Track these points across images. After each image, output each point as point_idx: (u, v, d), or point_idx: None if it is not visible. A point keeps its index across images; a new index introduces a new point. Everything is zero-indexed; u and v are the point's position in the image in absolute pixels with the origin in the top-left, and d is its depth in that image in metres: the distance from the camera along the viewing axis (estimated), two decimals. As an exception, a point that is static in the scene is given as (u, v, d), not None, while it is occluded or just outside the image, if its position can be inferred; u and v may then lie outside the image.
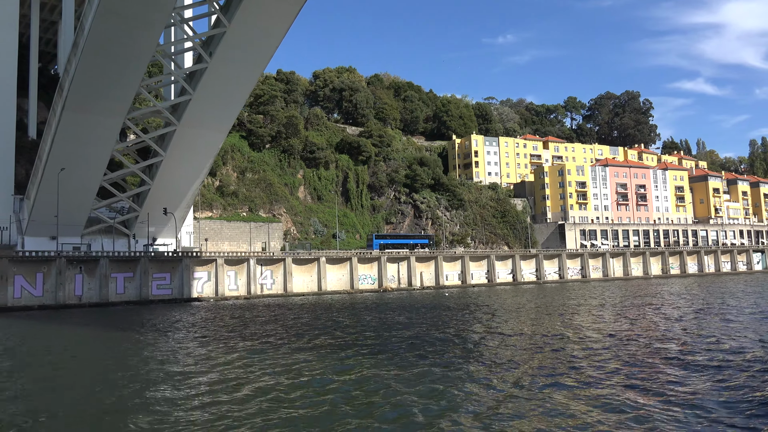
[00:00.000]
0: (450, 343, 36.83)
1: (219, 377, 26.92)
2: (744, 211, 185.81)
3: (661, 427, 18.30)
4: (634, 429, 18.20)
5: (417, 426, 18.44)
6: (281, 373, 27.17)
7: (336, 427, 18.57)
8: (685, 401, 21.22)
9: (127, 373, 28.25)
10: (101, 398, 23.34)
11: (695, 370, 26.68)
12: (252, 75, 79.17)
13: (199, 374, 27.78)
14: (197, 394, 23.48)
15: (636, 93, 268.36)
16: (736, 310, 55.63)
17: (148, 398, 22.93)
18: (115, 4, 62.98)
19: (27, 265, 67.92)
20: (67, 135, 74.14)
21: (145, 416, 20.12)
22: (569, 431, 18.09)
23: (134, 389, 24.67)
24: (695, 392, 22.66)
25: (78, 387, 26.07)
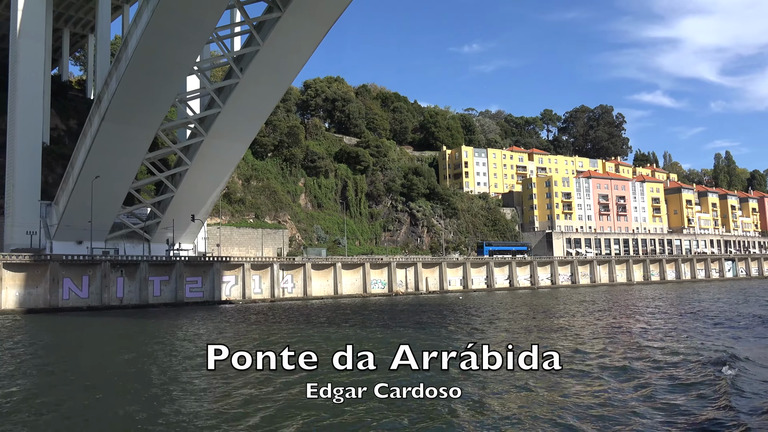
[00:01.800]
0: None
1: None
2: (714, 221, 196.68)
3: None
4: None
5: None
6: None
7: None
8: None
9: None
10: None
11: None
12: (278, 91, 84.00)
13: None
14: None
15: (609, 107, 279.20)
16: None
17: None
18: (163, 23, 67.35)
19: (74, 269, 71.16)
20: (104, 145, 77.62)
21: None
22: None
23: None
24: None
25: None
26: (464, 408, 22.61)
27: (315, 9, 72.53)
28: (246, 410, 22.88)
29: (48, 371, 32.16)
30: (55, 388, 27.11)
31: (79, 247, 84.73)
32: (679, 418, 21.18)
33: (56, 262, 69.45)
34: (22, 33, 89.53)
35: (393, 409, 21.55)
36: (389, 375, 20.52)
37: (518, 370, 19.29)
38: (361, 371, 18.20)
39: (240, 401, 24.23)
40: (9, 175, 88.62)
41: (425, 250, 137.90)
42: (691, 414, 21.63)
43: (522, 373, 24.95)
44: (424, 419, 21.03)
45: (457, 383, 24.05)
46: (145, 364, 33.66)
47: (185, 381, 28.40)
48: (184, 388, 26.76)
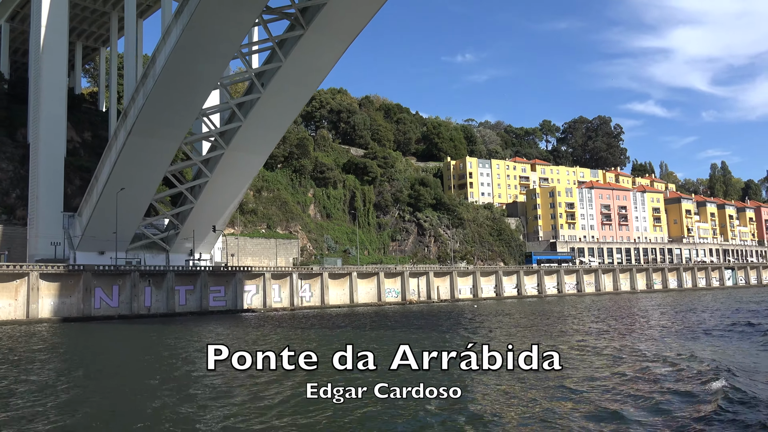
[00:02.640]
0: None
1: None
2: (712, 231, 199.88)
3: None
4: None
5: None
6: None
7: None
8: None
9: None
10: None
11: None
12: (298, 105, 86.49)
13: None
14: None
15: (607, 118, 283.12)
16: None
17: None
18: (191, 40, 69.77)
19: (105, 279, 73.06)
20: (129, 158, 79.72)
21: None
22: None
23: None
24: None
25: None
26: (464, 408, 23.52)
27: (336, 27, 75.10)
28: (246, 410, 23.76)
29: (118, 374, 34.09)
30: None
31: (101, 258, 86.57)
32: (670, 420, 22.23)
33: (89, 273, 71.37)
34: (45, 48, 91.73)
35: (393, 409, 22.60)
36: (389, 375, 20.66)
37: (518, 370, 19.20)
38: (361, 371, 18.06)
39: (241, 401, 25.27)
40: (32, 187, 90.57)
41: (432, 259, 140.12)
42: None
43: (522, 373, 26.50)
44: (424, 419, 21.92)
45: (457, 383, 25.39)
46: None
47: (204, 384, 29.94)
48: (194, 389, 28.31)
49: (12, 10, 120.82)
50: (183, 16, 68.96)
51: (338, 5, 71.48)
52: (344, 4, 71.66)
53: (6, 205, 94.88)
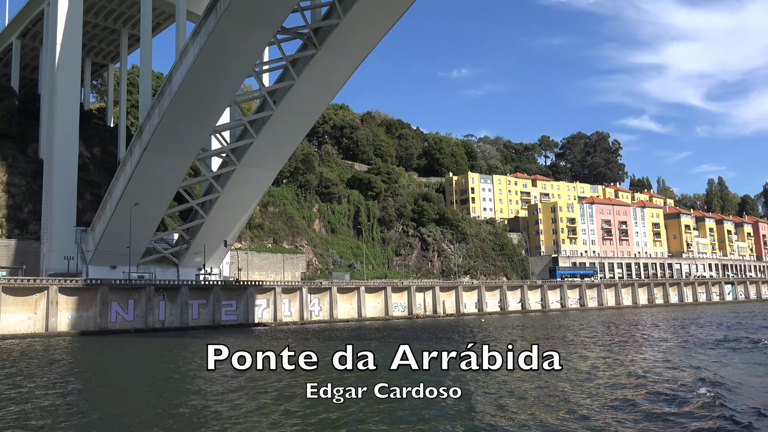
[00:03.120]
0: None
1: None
2: (711, 246, 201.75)
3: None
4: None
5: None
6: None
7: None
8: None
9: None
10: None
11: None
12: (309, 122, 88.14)
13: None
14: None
15: (605, 134, 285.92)
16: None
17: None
18: (208, 60, 71.59)
19: (121, 293, 74.13)
20: (143, 174, 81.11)
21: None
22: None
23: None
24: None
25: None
26: (464, 408, 24.07)
27: (347, 47, 77.10)
28: (247, 410, 24.53)
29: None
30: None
31: (113, 272, 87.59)
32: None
33: (106, 287, 72.49)
34: (60, 66, 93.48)
35: (393, 409, 23.12)
36: (389, 375, 20.86)
37: (518, 370, 19.34)
38: (360, 371, 18.29)
39: (240, 402, 26.06)
40: (46, 202, 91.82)
41: (436, 274, 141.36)
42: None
43: (522, 373, 27.02)
44: (424, 419, 22.49)
45: (457, 383, 25.95)
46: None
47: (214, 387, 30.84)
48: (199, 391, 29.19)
49: (24, 28, 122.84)
50: (201, 36, 70.81)
51: (351, 26, 73.50)
52: (356, 25, 73.66)
53: (19, 219, 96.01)
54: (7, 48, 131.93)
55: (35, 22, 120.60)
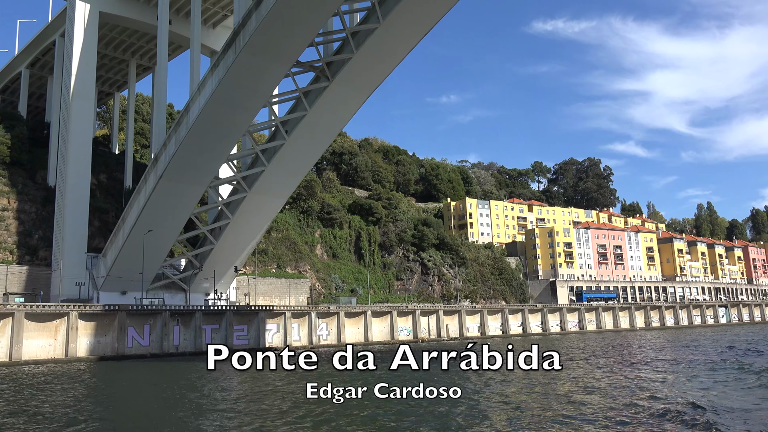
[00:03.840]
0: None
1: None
2: (703, 269, 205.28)
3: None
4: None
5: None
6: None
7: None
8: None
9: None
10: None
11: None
12: (319, 150, 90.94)
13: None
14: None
15: (597, 160, 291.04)
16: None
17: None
18: (226, 92, 74.20)
19: (137, 318, 75.41)
20: (158, 201, 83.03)
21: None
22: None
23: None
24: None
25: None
26: (464, 408, 25.15)
27: (359, 79, 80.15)
28: (248, 410, 25.63)
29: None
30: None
31: (124, 298, 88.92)
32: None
33: (123, 312, 73.79)
34: (74, 95, 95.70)
35: (393, 409, 24.00)
36: (389, 375, 22.90)
37: (518, 370, 20.61)
38: (361, 371, 20.27)
39: (241, 401, 27.23)
40: (58, 229, 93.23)
41: (437, 298, 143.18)
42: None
43: (522, 373, 27.89)
44: (424, 419, 23.41)
45: (457, 383, 26.76)
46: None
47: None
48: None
49: (33, 58, 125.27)
50: (219, 69, 73.47)
51: (363, 60, 76.58)
52: (368, 58, 76.77)
53: (29, 245, 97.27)
54: (14, 77, 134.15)
55: (45, 52, 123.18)
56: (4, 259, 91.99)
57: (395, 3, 70.22)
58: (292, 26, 69.26)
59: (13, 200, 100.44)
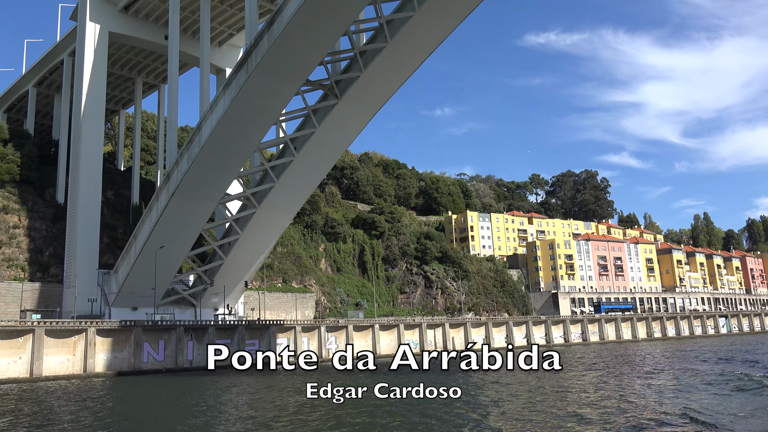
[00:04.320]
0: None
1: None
2: (702, 280, 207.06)
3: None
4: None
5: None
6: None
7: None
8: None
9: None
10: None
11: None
12: (327, 166, 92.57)
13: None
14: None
15: (594, 172, 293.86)
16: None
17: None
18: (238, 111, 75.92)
19: (152, 333, 76.39)
20: (170, 218, 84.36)
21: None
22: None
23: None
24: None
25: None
26: (464, 408, 25.82)
27: (366, 96, 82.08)
28: (247, 410, 26.38)
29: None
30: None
31: (135, 314, 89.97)
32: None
33: (139, 328, 74.84)
34: (85, 114, 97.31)
35: (393, 409, 24.49)
36: (389, 375, 23.63)
37: (518, 370, 22.00)
38: (361, 371, 20.87)
39: (242, 402, 28.08)
40: (69, 246, 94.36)
41: (440, 311, 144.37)
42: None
43: (522, 373, 28.58)
44: (425, 419, 23.95)
45: (457, 383, 27.32)
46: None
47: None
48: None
49: (41, 76, 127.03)
50: (231, 89, 75.22)
51: (371, 78, 78.54)
52: (376, 76, 78.73)
53: (40, 263, 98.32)
54: (21, 95, 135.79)
55: (52, 71, 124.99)
56: (17, 276, 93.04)
57: (402, 23, 72.44)
58: (303, 46, 71.22)
59: (23, 218, 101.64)
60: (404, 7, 72.06)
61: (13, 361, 64.92)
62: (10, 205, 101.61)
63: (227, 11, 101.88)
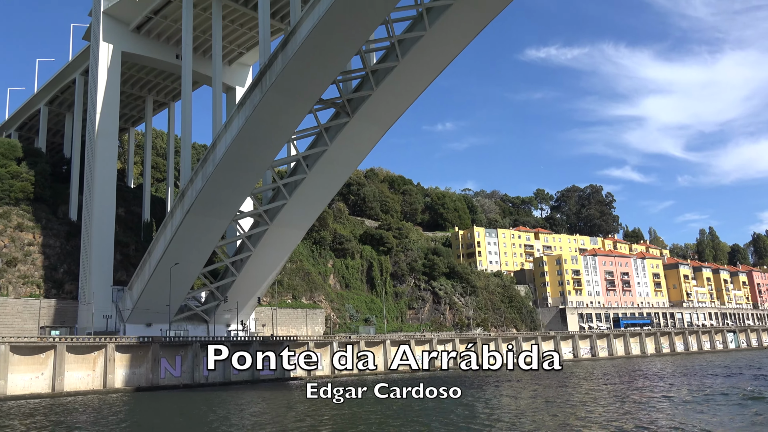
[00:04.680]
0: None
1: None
2: (709, 295, 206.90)
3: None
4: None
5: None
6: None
7: None
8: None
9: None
10: None
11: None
12: (338, 183, 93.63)
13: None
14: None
15: (599, 186, 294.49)
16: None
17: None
18: (253, 131, 77.15)
19: (169, 349, 77.05)
20: (184, 235, 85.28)
21: None
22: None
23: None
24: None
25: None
26: (464, 408, 26.29)
27: (377, 115, 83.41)
28: (248, 410, 26.70)
29: None
30: None
31: (149, 330, 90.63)
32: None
33: (157, 344, 75.56)
34: (99, 133, 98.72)
35: (393, 409, 25.01)
36: (389, 375, 24.28)
37: (518, 370, 22.39)
38: (361, 371, 21.45)
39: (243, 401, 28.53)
40: (84, 263, 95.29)
41: (448, 326, 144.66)
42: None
43: (522, 373, 28.99)
44: (425, 419, 24.39)
45: (457, 383, 27.80)
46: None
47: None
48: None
49: (52, 95, 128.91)
50: (246, 108, 76.52)
51: (382, 96, 79.91)
52: (387, 94, 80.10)
53: (55, 279, 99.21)
54: (33, 114, 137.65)
55: (64, 90, 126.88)
56: (32, 293, 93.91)
57: (414, 42, 73.95)
58: (316, 66, 72.60)
59: (38, 235, 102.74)
60: (415, 27, 73.68)
61: (36, 376, 65.68)
62: (25, 223, 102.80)
63: (237, 30, 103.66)
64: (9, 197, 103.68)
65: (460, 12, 69.99)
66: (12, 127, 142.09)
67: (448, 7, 69.54)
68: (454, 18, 70.79)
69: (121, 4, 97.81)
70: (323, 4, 66.02)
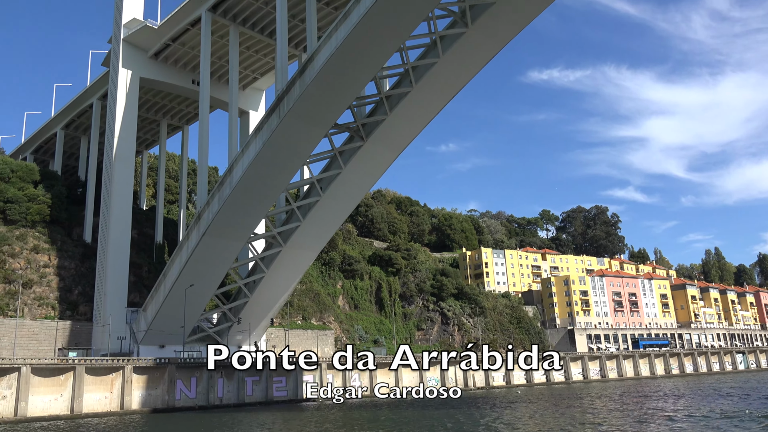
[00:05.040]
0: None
1: None
2: (717, 316, 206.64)
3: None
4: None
5: None
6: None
7: None
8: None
9: None
10: None
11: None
12: (351, 205, 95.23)
13: None
14: None
15: (604, 207, 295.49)
16: None
17: None
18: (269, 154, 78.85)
19: (185, 371, 77.89)
20: (200, 257, 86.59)
21: None
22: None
23: None
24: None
25: None
26: (465, 408, 27.07)
27: (390, 139, 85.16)
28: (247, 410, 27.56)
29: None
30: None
31: (163, 351, 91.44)
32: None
33: (173, 365, 76.43)
34: (117, 158, 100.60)
35: (393, 409, 25.88)
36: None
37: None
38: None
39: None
40: (100, 284, 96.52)
41: (457, 347, 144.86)
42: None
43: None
44: (425, 419, 25.14)
45: (457, 384, 28.53)
46: None
47: None
48: None
49: (69, 119, 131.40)
50: (263, 132, 78.30)
51: (396, 121, 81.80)
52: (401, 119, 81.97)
53: (69, 301, 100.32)
54: (49, 137, 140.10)
55: (81, 114, 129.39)
56: (47, 315, 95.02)
57: (427, 69, 75.97)
58: (333, 92, 74.54)
59: (53, 257, 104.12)
60: (429, 54, 75.78)
61: (55, 398, 66.49)
62: (41, 245, 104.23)
63: (252, 57, 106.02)
64: (26, 219, 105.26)
65: (472, 40, 72.14)
66: (28, 150, 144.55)
67: (461, 35, 71.74)
68: (467, 46, 72.93)
69: (140, 32, 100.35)
70: (341, 33, 68.11)
